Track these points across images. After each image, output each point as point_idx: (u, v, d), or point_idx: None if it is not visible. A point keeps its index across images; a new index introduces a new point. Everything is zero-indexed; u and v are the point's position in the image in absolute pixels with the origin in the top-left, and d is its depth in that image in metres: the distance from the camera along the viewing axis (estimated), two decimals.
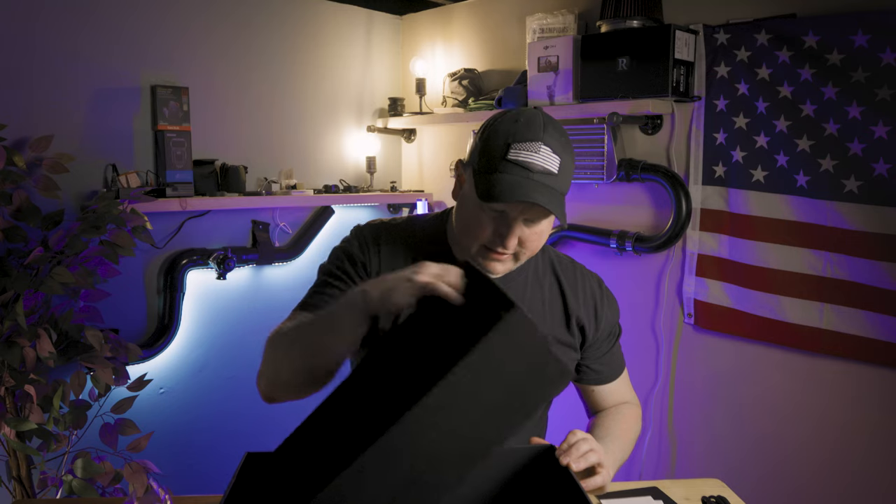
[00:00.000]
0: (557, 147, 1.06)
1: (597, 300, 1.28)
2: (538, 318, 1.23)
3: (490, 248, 1.11)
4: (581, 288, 1.27)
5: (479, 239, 1.11)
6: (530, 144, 1.05)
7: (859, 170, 1.90)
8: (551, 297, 1.25)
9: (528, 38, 2.58)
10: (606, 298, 1.30)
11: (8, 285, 1.87)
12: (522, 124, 1.07)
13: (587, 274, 1.31)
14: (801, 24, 1.96)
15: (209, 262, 2.58)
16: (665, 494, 1.20)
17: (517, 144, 1.05)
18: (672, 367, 2.40)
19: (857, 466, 2.01)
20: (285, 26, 2.84)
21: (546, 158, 1.05)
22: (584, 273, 1.30)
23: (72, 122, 2.30)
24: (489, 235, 1.09)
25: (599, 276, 1.33)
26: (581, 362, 1.30)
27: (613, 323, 1.32)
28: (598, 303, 1.28)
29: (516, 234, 1.08)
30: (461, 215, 1.15)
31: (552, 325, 1.24)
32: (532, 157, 1.04)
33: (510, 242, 1.08)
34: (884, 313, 1.89)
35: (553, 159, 1.05)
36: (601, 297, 1.29)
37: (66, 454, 2.08)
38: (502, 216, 1.08)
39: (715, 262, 2.25)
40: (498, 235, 1.08)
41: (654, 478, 2.45)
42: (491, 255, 1.11)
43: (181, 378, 2.61)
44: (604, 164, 2.38)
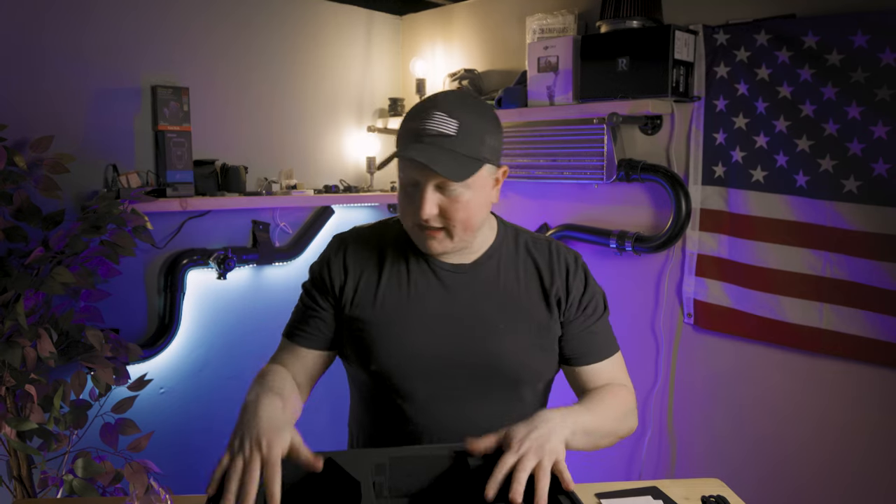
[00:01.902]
0: (456, 111, 1.09)
1: (569, 272, 1.25)
2: (514, 298, 1.22)
3: (419, 225, 1.14)
4: (556, 262, 1.25)
5: (407, 217, 1.15)
6: (423, 112, 1.10)
7: (859, 170, 1.90)
8: (527, 276, 1.24)
9: (528, 38, 2.58)
10: (581, 272, 1.26)
11: (8, 285, 1.87)
12: (429, 99, 1.13)
13: (562, 249, 1.28)
14: (800, 25, 1.96)
15: (209, 262, 2.58)
16: (665, 494, 1.20)
17: (417, 116, 1.11)
18: (672, 368, 2.41)
19: (857, 466, 2.01)
20: (285, 26, 2.84)
21: (439, 122, 1.08)
22: (560, 248, 1.28)
23: (72, 122, 2.30)
24: (412, 211, 1.12)
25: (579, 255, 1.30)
26: (562, 341, 1.26)
27: (589, 298, 1.26)
28: (570, 274, 1.24)
29: (428, 201, 1.09)
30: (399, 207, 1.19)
31: (530, 304, 1.22)
32: (423, 123, 1.09)
33: (424, 210, 1.10)
34: (884, 313, 1.89)
35: (448, 122, 1.08)
36: (574, 270, 1.25)
37: (66, 454, 2.08)
38: (416, 188, 1.11)
39: (715, 262, 2.25)
40: (416, 206, 1.11)
41: (653, 478, 2.46)
42: (424, 233, 1.15)
43: (181, 378, 2.62)
44: (603, 164, 2.38)
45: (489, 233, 1.25)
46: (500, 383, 1.20)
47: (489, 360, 1.18)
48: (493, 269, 1.23)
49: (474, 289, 1.21)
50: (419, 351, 1.18)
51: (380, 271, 1.22)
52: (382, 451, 1.05)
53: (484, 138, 1.11)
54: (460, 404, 1.20)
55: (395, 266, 1.22)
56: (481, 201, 1.15)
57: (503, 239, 1.26)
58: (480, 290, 1.21)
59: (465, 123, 1.09)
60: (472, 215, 1.13)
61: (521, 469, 0.95)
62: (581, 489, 1.18)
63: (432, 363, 1.18)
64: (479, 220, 1.16)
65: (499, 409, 1.21)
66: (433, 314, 1.20)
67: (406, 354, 1.18)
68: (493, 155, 1.14)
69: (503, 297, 1.21)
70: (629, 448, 2.54)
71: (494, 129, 1.15)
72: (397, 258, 1.23)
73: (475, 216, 1.14)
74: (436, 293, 1.20)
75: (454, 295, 1.20)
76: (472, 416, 1.20)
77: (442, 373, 1.18)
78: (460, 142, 1.08)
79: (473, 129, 1.10)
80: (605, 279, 2.56)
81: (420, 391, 1.19)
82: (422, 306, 1.20)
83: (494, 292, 1.21)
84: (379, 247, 1.25)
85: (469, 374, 1.19)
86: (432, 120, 1.09)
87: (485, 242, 1.24)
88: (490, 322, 1.20)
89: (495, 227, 1.27)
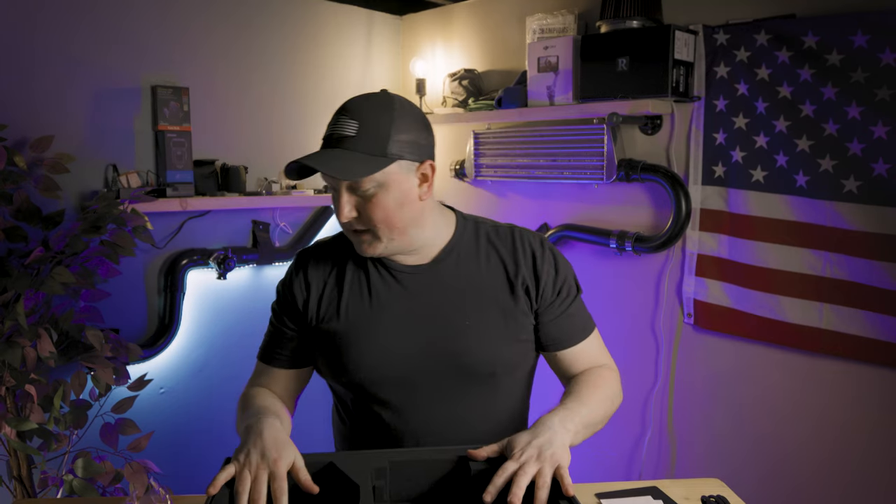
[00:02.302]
0: (358, 112, 1.11)
1: (535, 257, 1.22)
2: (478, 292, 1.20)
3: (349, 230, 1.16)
4: (521, 250, 1.23)
5: (340, 222, 1.16)
6: (332, 119, 1.13)
7: (859, 170, 1.90)
8: (490, 267, 1.22)
9: (527, 38, 2.58)
10: (549, 255, 1.24)
11: (8, 285, 1.87)
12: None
13: (526, 234, 1.26)
14: (800, 25, 1.96)
15: (209, 262, 2.58)
16: (665, 494, 1.20)
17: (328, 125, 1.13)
18: (672, 367, 2.41)
19: (857, 466, 2.01)
20: (285, 26, 2.84)
21: (342, 125, 1.10)
22: (524, 234, 1.26)
23: (72, 122, 2.30)
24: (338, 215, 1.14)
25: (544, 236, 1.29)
26: (537, 328, 1.24)
27: (562, 282, 1.24)
28: (537, 259, 1.22)
29: (345, 205, 1.11)
30: None
31: (496, 295, 1.21)
32: (329, 129, 1.12)
33: (342, 214, 1.12)
34: (883, 313, 1.89)
35: (349, 123, 1.09)
36: (542, 255, 1.23)
37: (66, 454, 2.08)
38: (335, 192, 1.14)
39: (715, 262, 2.25)
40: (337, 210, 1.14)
41: (653, 478, 2.46)
42: (352, 234, 1.17)
43: (181, 378, 2.62)
44: (603, 164, 2.38)
45: (445, 229, 1.23)
46: (474, 379, 1.19)
47: (460, 358, 1.17)
48: (454, 264, 1.21)
49: (436, 287, 1.20)
50: (388, 357, 1.18)
51: (342, 282, 1.22)
52: (383, 454, 1.05)
53: (391, 135, 1.09)
54: (438, 405, 1.19)
55: (357, 275, 1.22)
56: (400, 199, 1.12)
57: (462, 233, 1.24)
58: (442, 287, 1.20)
59: (365, 123, 1.09)
60: (390, 215, 1.12)
61: (521, 475, 0.94)
62: (581, 489, 1.18)
63: (403, 368, 1.17)
64: (404, 220, 1.14)
65: (478, 405, 1.20)
66: (397, 318, 1.19)
67: (375, 362, 1.18)
68: (407, 150, 1.11)
69: (467, 291, 1.20)
70: (629, 448, 2.54)
71: (408, 126, 1.12)
72: (358, 267, 1.23)
73: (395, 215, 1.12)
74: (398, 297, 1.20)
75: (416, 296, 1.20)
76: (452, 415, 1.19)
77: (414, 376, 1.18)
78: (361, 141, 1.08)
79: (375, 127, 1.09)
80: (605, 279, 2.56)
81: (395, 397, 1.19)
82: (386, 312, 1.19)
83: (457, 288, 1.20)
84: (339, 258, 1.25)
85: (442, 373, 1.18)
86: (336, 124, 1.11)
87: (441, 239, 1.22)
88: (456, 319, 1.18)
89: (453, 222, 1.25)
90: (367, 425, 1.23)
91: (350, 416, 1.27)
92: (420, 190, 1.15)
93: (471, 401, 1.20)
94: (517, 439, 1.01)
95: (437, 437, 1.19)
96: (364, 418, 1.23)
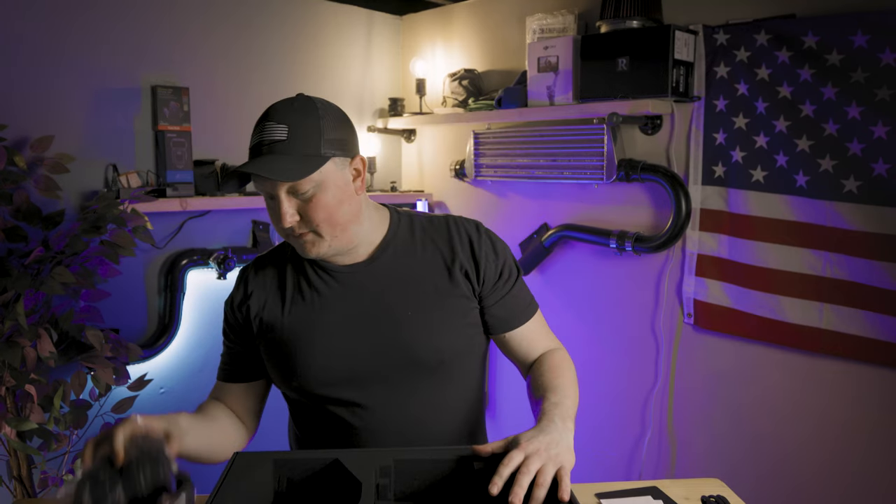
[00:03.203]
0: (284, 116, 1.11)
1: (472, 242, 1.23)
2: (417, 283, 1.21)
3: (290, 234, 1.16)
4: (456, 237, 1.24)
5: (277, 229, 1.17)
6: (257, 127, 1.13)
7: (859, 170, 1.90)
8: (426, 257, 1.23)
9: (528, 38, 2.58)
10: (486, 238, 1.25)
11: (8, 285, 1.87)
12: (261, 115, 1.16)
13: (461, 222, 1.27)
14: (800, 25, 1.96)
15: (209, 262, 2.58)
16: (665, 494, 1.20)
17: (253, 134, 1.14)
18: (672, 367, 2.41)
19: (857, 466, 2.01)
20: (285, 27, 2.84)
21: (271, 131, 1.10)
22: (458, 222, 1.27)
23: (72, 122, 2.30)
24: (276, 221, 1.14)
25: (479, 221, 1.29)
26: (483, 312, 1.24)
27: (502, 264, 1.25)
28: (473, 244, 1.23)
29: (286, 210, 1.11)
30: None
31: (435, 285, 1.21)
32: (258, 136, 1.12)
33: (285, 220, 1.11)
34: (883, 313, 1.89)
35: (277, 128, 1.10)
36: (478, 239, 1.24)
37: (66, 454, 2.08)
38: (273, 199, 1.13)
39: (715, 262, 2.25)
40: (277, 217, 1.13)
41: (653, 477, 2.46)
42: (294, 239, 1.16)
43: (181, 378, 2.62)
44: (603, 164, 2.38)
45: (379, 225, 1.24)
46: (423, 369, 1.19)
47: (405, 350, 1.18)
48: (390, 259, 1.22)
49: (375, 283, 1.21)
50: (335, 357, 1.18)
51: (283, 290, 1.24)
52: (387, 452, 1.06)
53: (321, 135, 1.11)
54: (390, 400, 1.19)
55: (296, 281, 1.24)
56: (339, 196, 1.13)
57: (397, 228, 1.25)
58: (382, 282, 1.21)
59: (294, 125, 1.10)
60: (332, 213, 1.13)
61: (524, 472, 0.94)
62: (581, 489, 1.18)
63: (351, 366, 1.18)
64: (345, 216, 1.15)
65: (431, 397, 1.21)
66: (339, 319, 1.19)
67: (321, 364, 1.18)
68: (338, 148, 1.13)
69: (406, 284, 1.21)
70: (629, 448, 2.54)
71: (334, 123, 1.14)
72: (297, 273, 1.24)
73: (336, 213, 1.13)
74: (339, 297, 1.21)
75: (356, 294, 1.20)
76: (406, 409, 1.20)
77: (363, 373, 1.18)
78: (293, 144, 1.09)
79: (304, 129, 1.10)
80: (605, 279, 2.56)
81: (346, 395, 1.19)
82: (328, 313, 1.20)
83: (397, 281, 1.21)
84: (279, 267, 1.26)
85: (390, 367, 1.18)
86: (264, 131, 1.11)
87: (376, 235, 1.23)
88: (398, 311, 1.19)
89: (387, 218, 1.26)
90: (323, 429, 1.23)
91: (306, 423, 1.27)
92: (354, 185, 1.17)
93: (423, 393, 1.20)
94: (523, 435, 1.01)
95: (394, 433, 1.19)
96: (320, 422, 1.23)
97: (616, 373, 2.56)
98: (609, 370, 2.57)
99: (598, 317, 2.60)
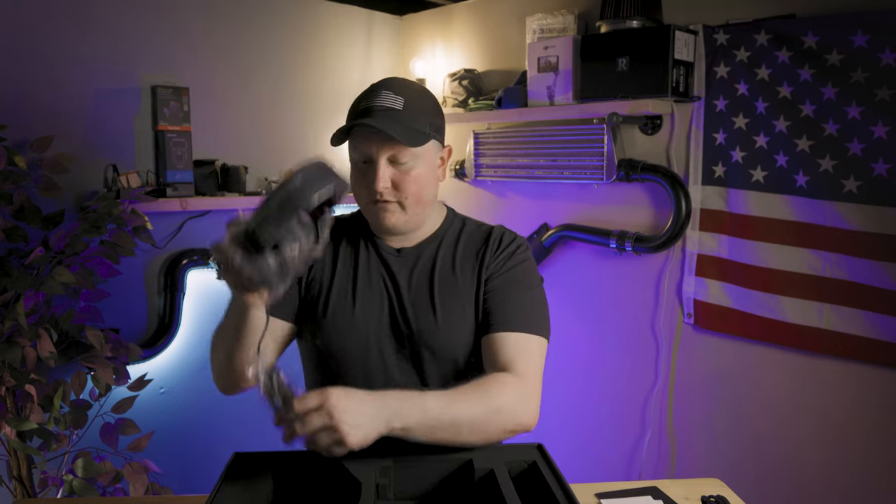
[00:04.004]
0: (400, 89, 1.17)
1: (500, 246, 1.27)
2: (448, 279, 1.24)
3: (374, 201, 1.19)
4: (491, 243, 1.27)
5: (362, 194, 1.21)
6: (370, 92, 1.18)
7: (859, 170, 1.90)
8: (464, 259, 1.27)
9: (528, 38, 2.58)
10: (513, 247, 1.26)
11: (9, 285, 1.87)
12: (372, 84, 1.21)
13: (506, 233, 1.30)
14: (800, 25, 1.96)
15: (209, 262, 2.58)
16: (665, 494, 1.20)
17: (363, 98, 1.19)
18: (672, 367, 2.41)
19: (856, 466, 2.01)
20: (285, 27, 2.84)
21: (387, 98, 1.16)
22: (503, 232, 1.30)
23: (72, 122, 2.30)
24: (366, 185, 1.18)
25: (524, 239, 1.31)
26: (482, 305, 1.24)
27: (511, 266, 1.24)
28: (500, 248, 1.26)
29: (383, 174, 1.16)
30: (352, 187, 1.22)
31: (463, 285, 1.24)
32: (373, 101, 1.16)
33: (378, 183, 1.16)
34: (883, 313, 1.89)
35: (394, 98, 1.16)
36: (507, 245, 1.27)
37: (66, 454, 2.08)
38: (369, 164, 1.17)
39: (714, 262, 2.25)
40: (370, 181, 1.17)
41: (653, 477, 2.46)
42: (377, 206, 1.20)
43: (181, 378, 2.61)
44: (603, 164, 2.38)
45: (437, 219, 1.31)
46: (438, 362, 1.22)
47: (418, 338, 1.22)
48: (433, 251, 1.28)
49: (414, 271, 1.26)
50: (357, 330, 1.23)
51: (335, 257, 1.29)
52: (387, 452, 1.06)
53: (428, 116, 1.19)
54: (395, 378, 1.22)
55: (348, 251, 1.29)
56: (430, 176, 1.22)
57: (449, 225, 1.31)
58: (419, 272, 1.26)
59: (410, 100, 1.17)
60: (422, 188, 1.20)
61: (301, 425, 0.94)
62: (581, 489, 1.18)
63: (370, 342, 1.22)
64: (430, 195, 1.23)
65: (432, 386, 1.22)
66: (373, 295, 1.25)
67: (345, 328, 1.23)
68: (437, 132, 1.22)
69: (440, 278, 1.25)
70: (629, 448, 2.54)
71: (438, 111, 1.24)
72: (350, 245, 1.30)
73: (425, 190, 1.21)
74: (378, 275, 1.26)
75: (394, 276, 1.26)
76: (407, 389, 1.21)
77: (376, 351, 1.23)
78: (407, 115, 1.15)
79: (418, 106, 1.18)
80: (605, 279, 2.56)
81: (356, 368, 1.23)
82: (364, 288, 1.25)
83: (429, 273, 1.26)
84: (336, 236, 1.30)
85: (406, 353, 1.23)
86: (380, 97, 1.16)
87: (430, 227, 1.30)
88: (420, 301, 1.23)
89: (443, 215, 1.33)
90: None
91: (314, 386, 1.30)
92: (439, 171, 1.26)
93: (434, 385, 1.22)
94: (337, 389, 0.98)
95: None
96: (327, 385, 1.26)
97: (616, 373, 2.56)
98: (609, 370, 2.57)
99: (598, 317, 2.60)
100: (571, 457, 2.58)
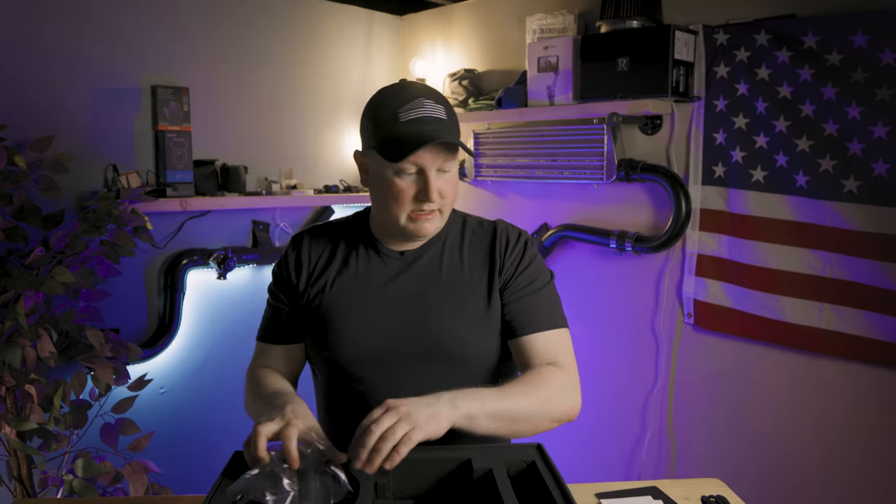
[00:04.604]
0: (437, 99, 1.17)
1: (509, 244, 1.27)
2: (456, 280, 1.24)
3: (417, 211, 1.18)
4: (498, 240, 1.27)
5: (404, 207, 1.18)
6: (413, 103, 1.15)
7: (859, 170, 1.90)
8: (470, 257, 1.27)
9: (528, 38, 2.58)
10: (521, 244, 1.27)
11: (9, 285, 1.87)
12: (398, 92, 1.18)
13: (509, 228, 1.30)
14: (800, 25, 1.96)
15: (209, 262, 2.58)
16: (665, 494, 1.20)
17: (403, 107, 1.14)
18: (672, 367, 2.41)
19: (856, 466, 2.01)
20: (286, 27, 2.84)
21: (432, 109, 1.15)
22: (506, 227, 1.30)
23: (72, 122, 2.30)
24: (412, 198, 1.17)
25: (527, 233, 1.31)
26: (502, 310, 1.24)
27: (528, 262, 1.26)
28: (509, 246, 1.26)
29: (435, 185, 1.15)
30: (379, 195, 1.21)
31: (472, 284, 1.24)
32: (421, 111, 1.14)
33: (434, 195, 1.15)
34: (883, 313, 1.89)
35: (437, 108, 1.15)
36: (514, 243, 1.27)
37: (66, 454, 2.08)
38: (419, 174, 1.15)
39: (714, 262, 2.25)
40: (421, 192, 1.16)
41: (653, 477, 2.46)
42: (420, 217, 1.18)
43: (181, 378, 2.62)
44: (603, 164, 2.38)
45: None
46: (447, 363, 1.21)
47: (432, 341, 1.20)
48: (438, 252, 1.27)
49: (419, 273, 1.25)
50: (364, 336, 1.22)
51: (332, 262, 1.28)
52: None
53: (458, 121, 1.21)
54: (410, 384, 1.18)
55: (347, 256, 1.28)
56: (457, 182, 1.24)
57: (451, 225, 1.30)
58: (425, 273, 1.25)
59: (448, 109, 1.18)
60: (455, 193, 1.22)
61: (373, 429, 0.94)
62: (581, 489, 1.18)
63: (378, 347, 1.21)
64: (456, 200, 1.25)
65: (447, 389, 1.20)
66: (378, 300, 1.24)
67: (351, 338, 1.22)
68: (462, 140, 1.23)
69: (445, 279, 1.25)
70: (629, 448, 2.54)
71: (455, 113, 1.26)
72: (349, 250, 1.29)
73: (455, 194, 1.23)
74: (382, 279, 1.25)
75: (399, 280, 1.25)
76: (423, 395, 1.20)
77: (389, 356, 1.21)
78: (450, 125, 1.16)
79: (453, 115, 1.19)
80: (605, 279, 2.56)
81: (368, 375, 1.22)
82: (368, 293, 1.24)
83: (438, 275, 1.25)
84: (334, 240, 1.31)
85: (415, 355, 1.21)
86: (425, 107, 1.15)
87: None
88: (432, 303, 1.23)
89: None
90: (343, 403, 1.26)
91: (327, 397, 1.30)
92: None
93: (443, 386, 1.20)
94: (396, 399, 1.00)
95: None
96: (340, 396, 1.26)
97: (616, 373, 2.56)
98: (609, 370, 2.57)
99: (598, 317, 2.60)
100: (571, 457, 2.58)
